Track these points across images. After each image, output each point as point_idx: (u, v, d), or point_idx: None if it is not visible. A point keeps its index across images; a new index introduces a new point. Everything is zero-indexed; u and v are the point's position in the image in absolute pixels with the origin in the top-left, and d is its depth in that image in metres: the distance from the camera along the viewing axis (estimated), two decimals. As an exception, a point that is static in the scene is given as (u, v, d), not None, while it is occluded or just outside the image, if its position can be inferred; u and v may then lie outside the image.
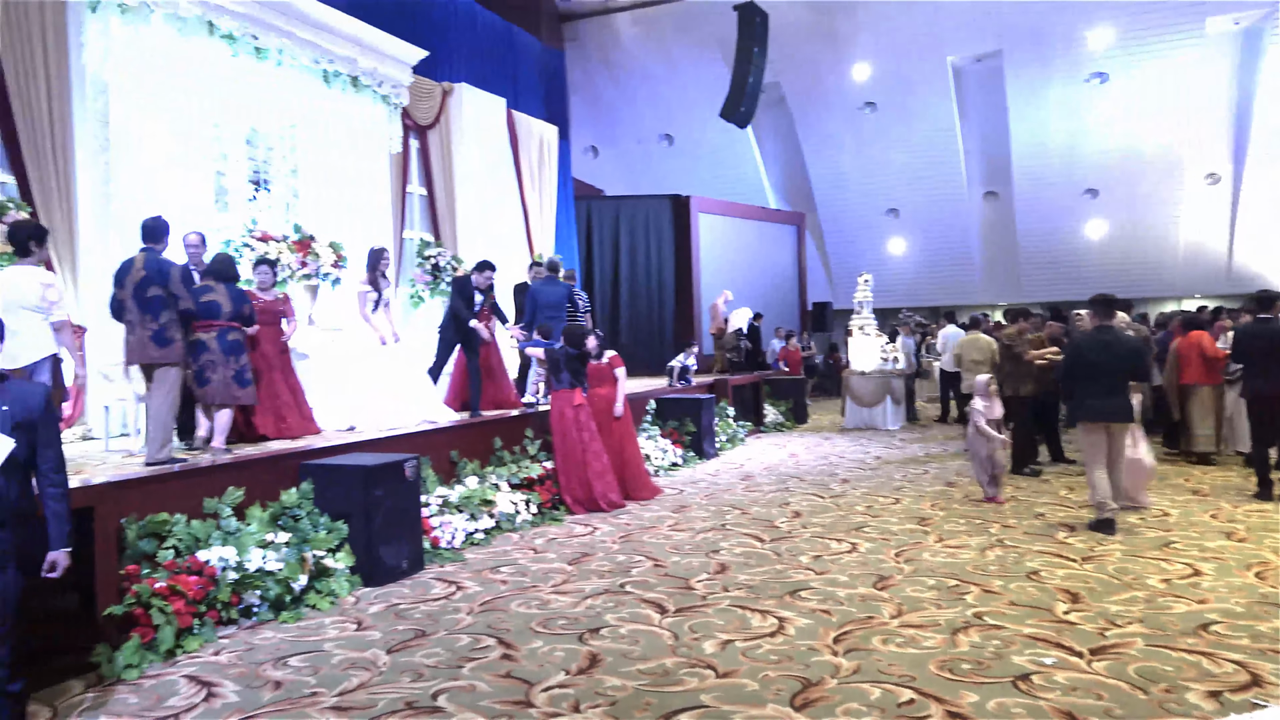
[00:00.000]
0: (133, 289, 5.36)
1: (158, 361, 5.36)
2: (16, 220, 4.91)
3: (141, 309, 5.33)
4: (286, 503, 5.34)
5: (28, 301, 4.73)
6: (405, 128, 11.19)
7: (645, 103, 22.50)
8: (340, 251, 9.49)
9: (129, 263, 5.48)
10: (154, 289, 5.34)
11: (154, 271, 5.36)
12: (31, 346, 4.74)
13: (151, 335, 5.32)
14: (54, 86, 7.07)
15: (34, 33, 6.97)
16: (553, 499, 7.45)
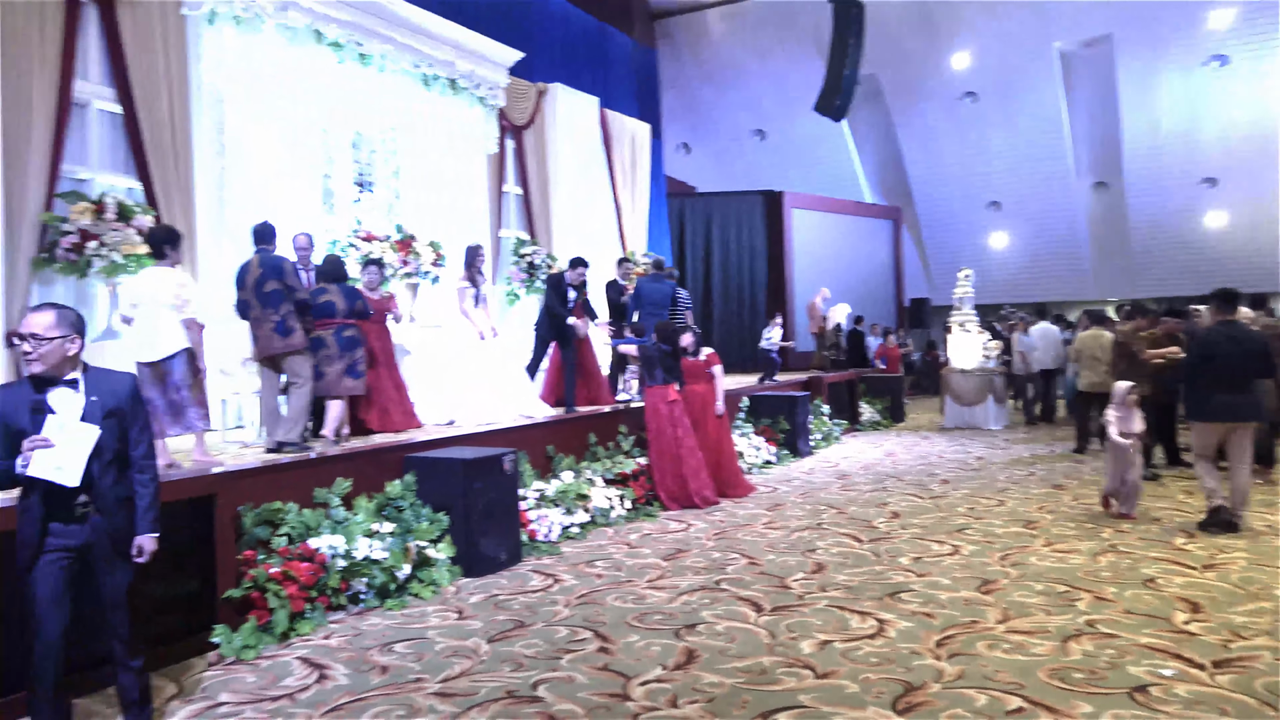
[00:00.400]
0: (253, 287, 5.76)
1: (284, 351, 5.75)
2: (154, 226, 5.27)
3: (262, 304, 5.74)
4: (391, 494, 5.52)
5: (164, 300, 5.05)
6: (501, 128, 11.40)
7: (737, 98, 22.36)
8: (439, 250, 9.75)
9: (246, 264, 5.86)
10: (271, 284, 5.75)
11: (269, 268, 5.76)
12: (169, 341, 5.06)
13: (274, 327, 5.72)
14: (175, 97, 7.46)
15: (157, 46, 7.37)
16: (647, 495, 7.48)
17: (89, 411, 2.99)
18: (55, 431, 2.90)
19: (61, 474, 2.89)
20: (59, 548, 2.95)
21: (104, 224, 6.60)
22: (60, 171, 6.73)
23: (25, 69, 6.44)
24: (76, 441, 2.92)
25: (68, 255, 6.50)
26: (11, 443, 2.91)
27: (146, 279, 5.13)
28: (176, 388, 5.03)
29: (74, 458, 2.91)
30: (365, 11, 8.84)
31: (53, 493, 2.93)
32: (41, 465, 2.87)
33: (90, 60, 7.13)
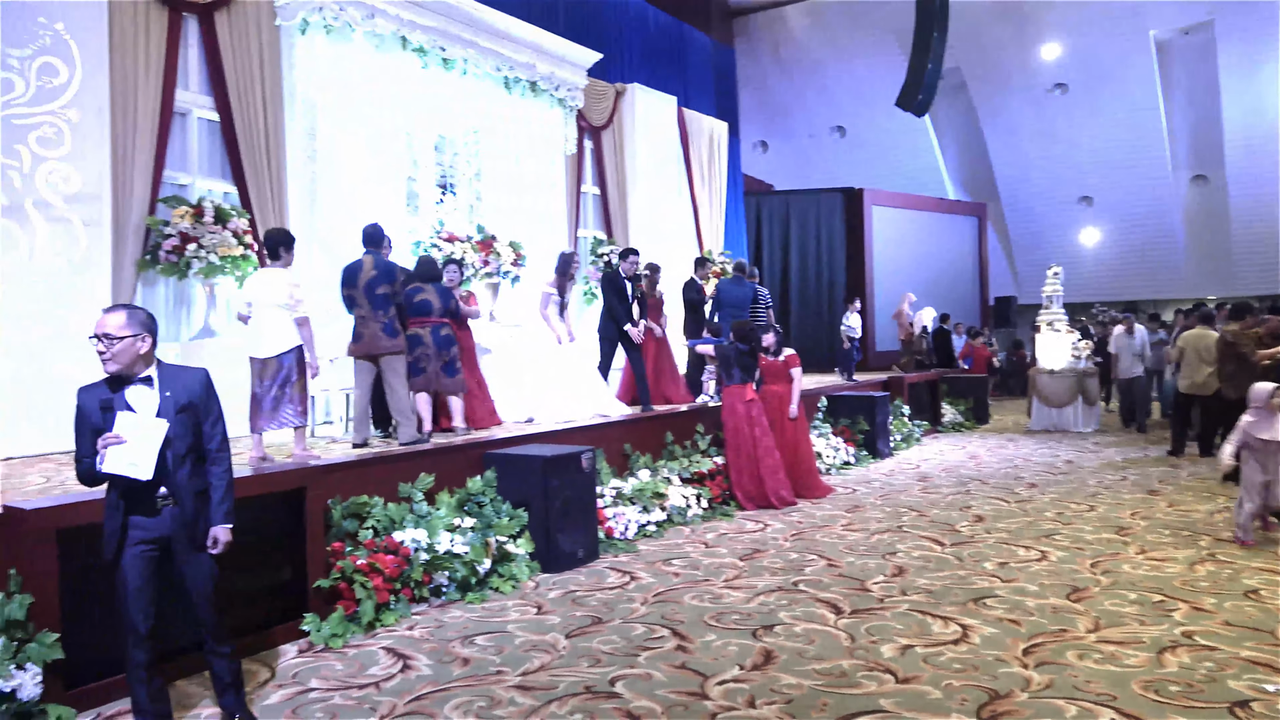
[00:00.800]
0: (364, 287, 5.97)
1: (388, 351, 5.97)
2: (270, 229, 5.58)
3: (372, 305, 5.96)
4: (472, 490, 5.62)
5: (278, 299, 5.27)
6: (580, 129, 11.50)
7: (816, 95, 22.10)
8: (519, 250, 9.89)
9: (359, 264, 6.06)
10: (383, 287, 5.97)
11: (382, 271, 6.00)
12: (281, 339, 5.27)
13: (383, 328, 5.94)
14: (269, 104, 7.75)
15: (253, 56, 7.66)
16: (723, 494, 7.46)
17: (162, 407, 3.07)
18: (126, 428, 2.98)
19: (134, 469, 2.98)
20: (141, 539, 3.05)
21: (202, 227, 6.89)
22: (163, 177, 7.06)
23: (131, 80, 6.77)
24: (147, 437, 2.99)
25: (169, 257, 6.81)
26: (93, 441, 3.01)
27: (261, 279, 5.37)
28: (282, 384, 5.24)
29: (146, 452, 2.98)
30: (449, 17, 9.03)
31: (131, 487, 3.02)
32: (115, 461, 2.96)
33: (191, 71, 7.46)
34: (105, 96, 6.47)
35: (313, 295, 7.72)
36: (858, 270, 17.01)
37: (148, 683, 3.09)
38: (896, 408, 11.70)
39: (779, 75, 22.01)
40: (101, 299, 6.38)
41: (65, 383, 6.11)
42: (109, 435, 2.96)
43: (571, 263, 7.97)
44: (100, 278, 6.41)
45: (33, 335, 6.00)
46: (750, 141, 22.46)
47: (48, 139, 6.13)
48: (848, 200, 17.28)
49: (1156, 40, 18.90)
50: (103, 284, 6.42)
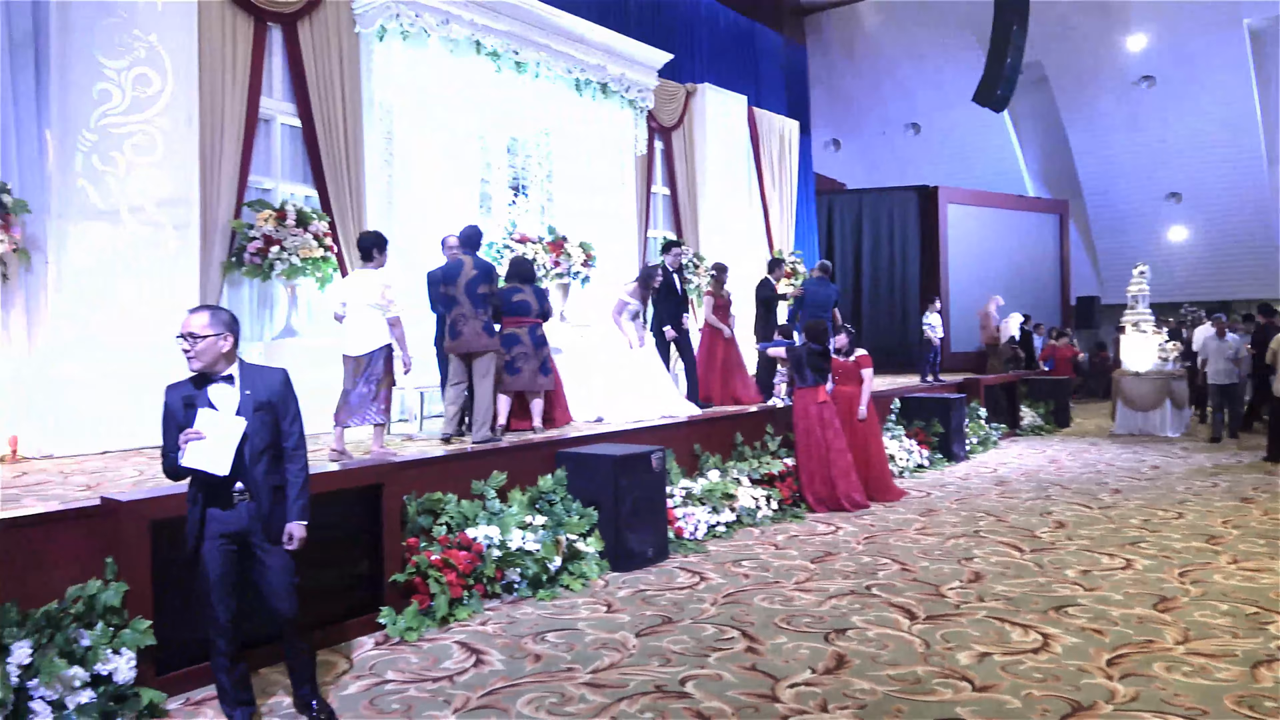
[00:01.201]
0: (464, 286, 6.15)
1: (484, 349, 6.14)
2: (364, 231, 5.93)
3: (473, 304, 6.14)
4: (543, 488, 5.68)
5: (370, 299, 5.50)
6: (650, 130, 11.52)
7: (890, 92, 21.74)
8: (590, 251, 9.95)
9: (459, 264, 6.25)
10: (482, 286, 6.17)
11: (482, 272, 6.21)
12: (372, 337, 5.49)
13: (482, 326, 6.14)
14: (348, 110, 7.95)
15: (333, 64, 7.87)
16: (793, 496, 7.39)
17: (242, 405, 3.17)
18: (206, 424, 3.09)
19: (212, 464, 3.08)
20: (219, 533, 3.15)
21: (285, 230, 7.11)
22: (248, 182, 7.30)
23: (219, 89, 7.03)
24: (226, 433, 3.10)
25: (253, 259, 7.04)
26: (177, 436, 3.13)
27: (354, 280, 5.61)
28: (369, 381, 5.46)
29: (223, 449, 3.08)
30: (522, 20, 9.14)
31: (210, 481, 3.13)
32: (194, 456, 3.07)
33: (274, 78, 7.70)
34: (194, 105, 6.72)
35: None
36: (932, 270, 16.67)
37: (230, 670, 3.20)
38: (972, 410, 11.44)
39: (851, 72, 21.71)
40: (189, 299, 6.62)
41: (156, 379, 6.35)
42: (189, 431, 3.07)
43: (654, 276, 8.03)
44: (188, 279, 6.66)
45: (125, 334, 6.26)
46: (822, 140, 22.20)
47: (141, 146, 6.40)
48: (922, 198, 16.94)
49: (1250, 29, 18.07)
50: (190, 285, 6.67)
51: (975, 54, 18.39)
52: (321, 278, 7.46)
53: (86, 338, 6.08)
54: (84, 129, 6.11)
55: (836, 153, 23.22)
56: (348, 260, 7.77)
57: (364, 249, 5.67)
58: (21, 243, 5.81)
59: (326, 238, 7.42)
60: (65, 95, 6.04)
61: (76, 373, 6.02)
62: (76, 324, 6.05)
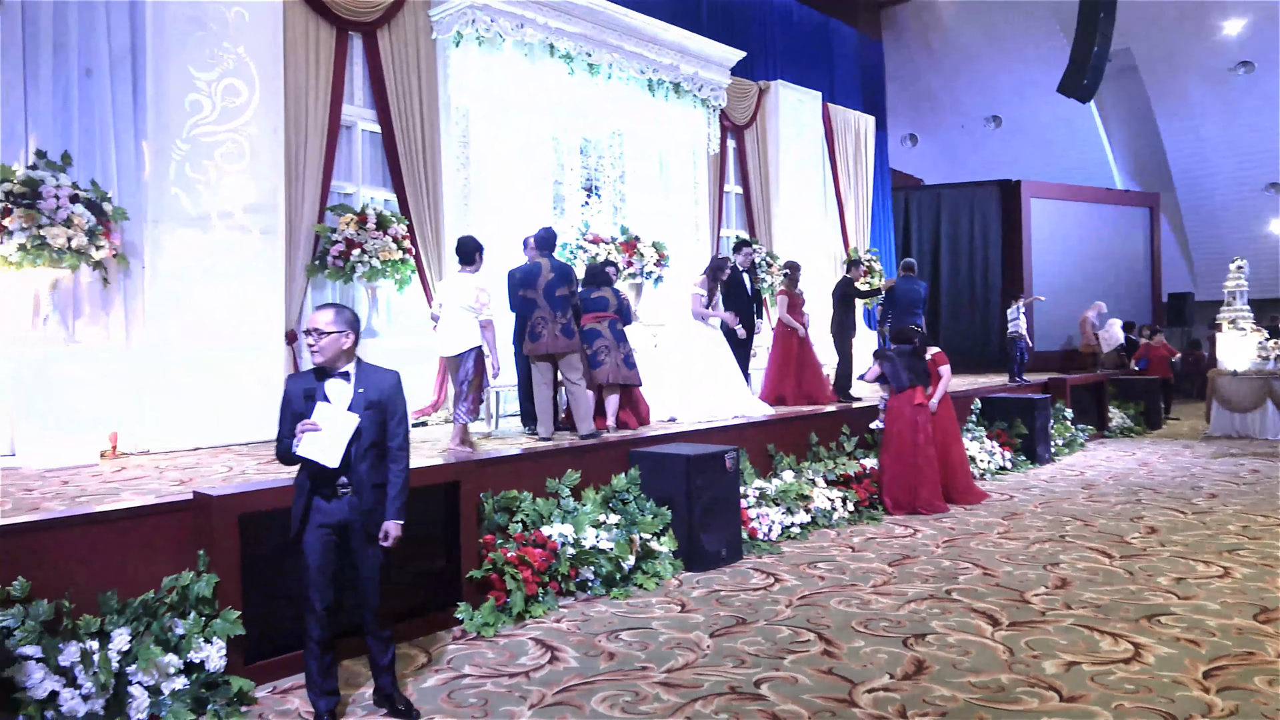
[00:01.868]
0: (543, 289, 6.29)
1: (566, 351, 6.29)
2: (463, 236, 6.12)
3: (553, 307, 6.29)
4: (617, 487, 5.71)
5: (465, 302, 5.73)
6: (723, 129, 11.46)
7: (969, 84, 21.20)
8: (663, 251, 9.95)
9: (538, 266, 6.40)
10: (561, 289, 6.31)
11: (560, 274, 6.35)
12: (464, 339, 5.72)
13: (562, 329, 6.27)
14: (426, 115, 8.12)
15: (411, 70, 8.05)
16: (870, 497, 7.27)
17: (354, 401, 3.31)
18: (323, 417, 3.23)
19: (324, 455, 3.22)
20: (321, 522, 3.28)
21: (365, 233, 7.29)
22: (330, 187, 7.51)
23: (303, 97, 7.24)
24: (339, 428, 3.23)
25: (335, 262, 7.24)
26: (293, 424, 3.29)
27: (451, 283, 5.85)
28: (461, 381, 5.71)
29: (336, 442, 3.22)
30: (596, 22, 9.19)
31: (318, 472, 3.27)
32: (308, 446, 3.22)
33: (355, 85, 7.90)
34: (280, 113, 6.94)
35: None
36: (1015, 266, 16.22)
37: (320, 658, 3.31)
38: (1058, 411, 11.09)
39: (929, 65, 21.25)
40: (275, 302, 6.86)
41: (243, 378, 6.61)
42: (306, 422, 3.22)
43: (723, 266, 8.03)
44: (274, 281, 6.89)
45: (214, 335, 6.51)
46: (899, 135, 21.79)
47: (230, 154, 6.64)
48: (1004, 193, 16.50)
49: (1360, 8, 17.11)
50: (276, 287, 6.90)
51: (1059, 42, 17.81)
52: (400, 279, 7.63)
53: (178, 339, 6.34)
54: (177, 139, 6.37)
55: (914, 148, 22.77)
56: (425, 262, 7.93)
57: (465, 253, 5.92)
58: (120, 248, 6.09)
59: (405, 240, 7.59)
60: (160, 107, 6.31)
61: (170, 372, 6.28)
62: (169, 326, 6.31)
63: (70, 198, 5.59)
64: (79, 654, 3.26)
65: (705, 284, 8.00)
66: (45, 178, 5.56)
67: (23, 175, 5.51)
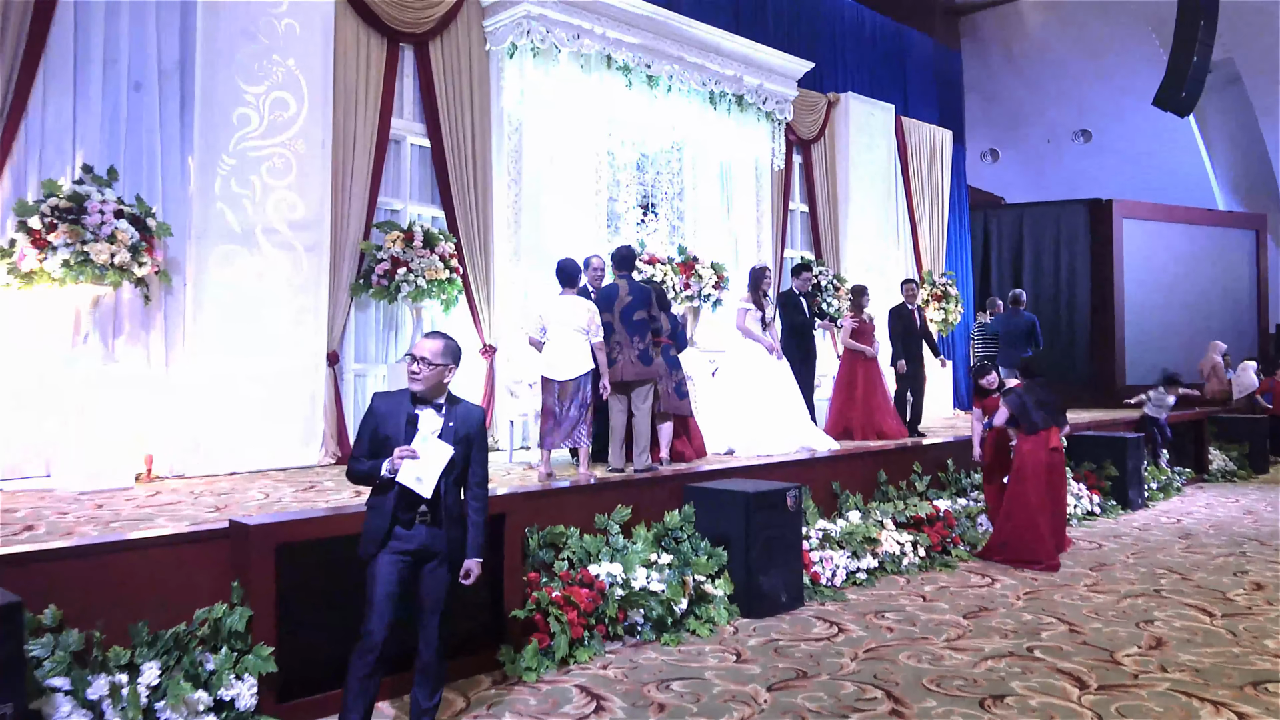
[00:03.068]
0: (620, 313, 6.34)
1: (643, 378, 6.34)
2: (563, 259, 6.30)
3: (629, 331, 6.32)
4: (669, 524, 5.67)
5: (578, 324, 5.96)
6: (788, 143, 11.43)
7: (1056, 96, 20.87)
8: (722, 272, 9.95)
9: (614, 288, 6.46)
10: (639, 312, 6.36)
11: (638, 297, 6.38)
12: (581, 362, 5.94)
13: (638, 355, 6.32)
14: (477, 128, 8.25)
15: (464, 82, 8.20)
16: (943, 541, 7.12)
17: (445, 433, 3.45)
18: (421, 445, 3.38)
19: (420, 485, 3.37)
20: (399, 550, 3.39)
21: (411, 251, 7.40)
22: (377, 203, 7.66)
23: (352, 111, 7.42)
24: (435, 458, 3.38)
25: (380, 281, 7.36)
26: (377, 445, 3.42)
27: (562, 305, 6.03)
28: (580, 405, 5.93)
29: (431, 471, 3.37)
30: (655, 33, 9.27)
31: (404, 498, 3.39)
32: (407, 473, 3.35)
33: (405, 99, 8.07)
34: (328, 127, 7.12)
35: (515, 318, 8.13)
36: (1104, 292, 15.86)
37: (362, 692, 3.31)
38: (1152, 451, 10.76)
39: (1011, 76, 20.99)
40: (318, 322, 7.00)
41: (285, 403, 6.75)
42: (405, 449, 3.35)
43: (763, 277, 8.04)
44: (318, 301, 7.03)
45: (256, 356, 6.65)
46: (978, 150, 21.52)
47: (276, 169, 6.83)
48: (1093, 213, 16.19)
49: None
50: (319, 307, 7.04)
51: (1156, 52, 17.47)
52: (446, 300, 7.72)
53: (219, 359, 6.50)
54: (223, 153, 6.57)
55: (994, 164, 22.46)
56: (473, 283, 8.02)
57: (568, 275, 6.14)
58: (163, 265, 6.28)
59: (452, 259, 7.68)
60: (208, 120, 6.52)
61: (209, 394, 6.43)
62: (211, 345, 6.48)
63: (115, 213, 5.78)
64: (108, 688, 3.33)
65: (749, 297, 8.00)
66: (91, 193, 5.76)
67: (69, 190, 5.71)
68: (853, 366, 9.04)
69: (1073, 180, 20.88)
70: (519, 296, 8.36)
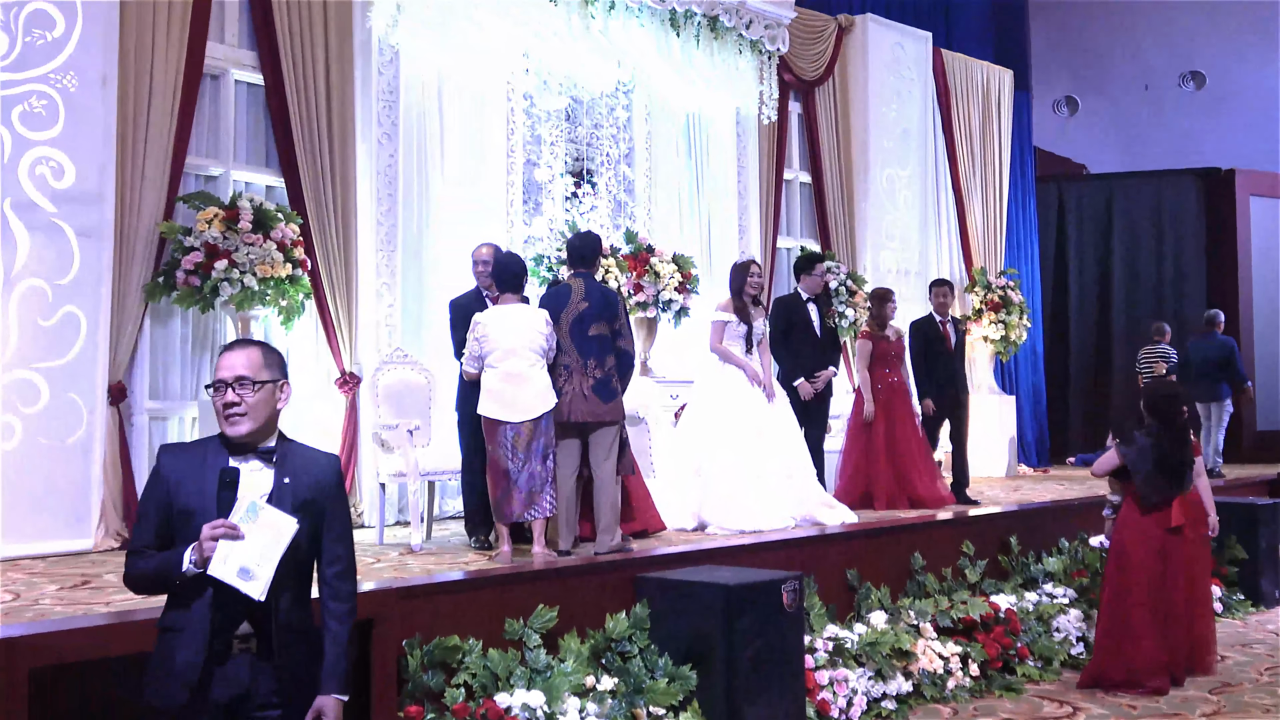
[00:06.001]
0: (571, 325, 6.29)
1: (601, 420, 6.29)
2: (505, 253, 6.51)
3: (582, 352, 6.28)
4: (613, 633, 5.62)
5: (532, 343, 6.04)
6: (783, 86, 11.53)
7: (1153, 33, 21.44)
8: (689, 269, 9.93)
9: (563, 291, 6.46)
10: (597, 325, 6.30)
11: (599, 303, 6.33)
12: (536, 397, 5.99)
13: (594, 385, 6.25)
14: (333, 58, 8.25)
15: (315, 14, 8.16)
16: (1004, 654, 7.17)
17: (278, 495, 3.06)
18: (247, 517, 2.94)
19: (248, 581, 2.91)
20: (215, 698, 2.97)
21: (236, 236, 7.30)
22: (184, 167, 7.55)
23: (147, 31, 7.29)
24: (272, 535, 2.95)
25: (189, 279, 7.24)
26: (170, 527, 3.04)
27: (504, 318, 6.12)
28: (541, 458, 6.01)
29: (267, 560, 2.93)
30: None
31: (222, 609, 2.98)
32: (226, 563, 2.90)
33: (228, 18, 8.01)
34: (112, 56, 7.00)
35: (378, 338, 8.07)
36: (1225, 287, 16.19)
37: None
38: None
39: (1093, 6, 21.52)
40: (96, 342, 6.82)
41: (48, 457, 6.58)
42: (223, 524, 2.89)
43: (748, 277, 7.94)
44: (96, 308, 6.88)
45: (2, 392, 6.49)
46: (1049, 99, 21.97)
47: (35, 116, 6.69)
48: (1209, 186, 16.64)
49: None
50: (98, 317, 6.88)
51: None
52: (288, 306, 7.62)
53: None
54: (-48, 89, 6.45)
55: (1072, 119, 22.95)
56: (327, 281, 7.94)
57: (513, 276, 6.18)
58: None
59: (297, 248, 7.60)
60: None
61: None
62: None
63: None
64: None
65: (729, 304, 7.97)
66: None
67: None
68: (873, 405, 9.08)
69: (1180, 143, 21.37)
70: (394, 304, 8.31)
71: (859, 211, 12.39)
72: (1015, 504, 9.16)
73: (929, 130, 13.30)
